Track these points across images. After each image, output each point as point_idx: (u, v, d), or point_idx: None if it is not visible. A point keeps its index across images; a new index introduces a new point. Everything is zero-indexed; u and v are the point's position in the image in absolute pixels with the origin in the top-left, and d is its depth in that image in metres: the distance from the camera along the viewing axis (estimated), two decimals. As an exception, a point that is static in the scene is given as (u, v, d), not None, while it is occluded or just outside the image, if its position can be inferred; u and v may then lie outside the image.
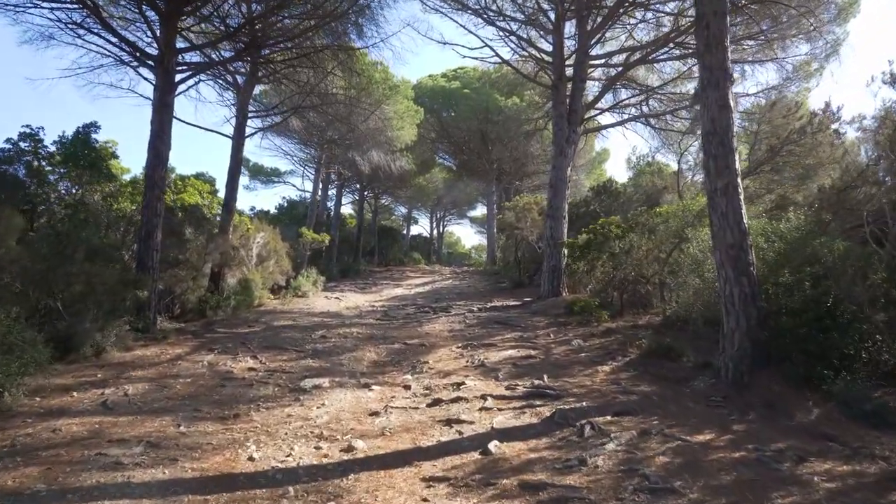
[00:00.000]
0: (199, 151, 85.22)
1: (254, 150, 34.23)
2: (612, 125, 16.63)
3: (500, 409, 5.64)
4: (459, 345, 9.19)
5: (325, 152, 22.01)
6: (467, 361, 7.99)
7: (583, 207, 19.42)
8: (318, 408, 6.02)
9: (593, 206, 19.73)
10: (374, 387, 6.89)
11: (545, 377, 6.77)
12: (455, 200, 46.60)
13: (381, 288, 21.09)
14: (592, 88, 17.39)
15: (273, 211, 32.64)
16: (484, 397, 6.01)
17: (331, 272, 24.73)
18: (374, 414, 5.78)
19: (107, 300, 8.17)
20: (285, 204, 34.55)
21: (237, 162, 14.18)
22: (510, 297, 16.30)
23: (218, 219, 14.83)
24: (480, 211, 53.29)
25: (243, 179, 50.92)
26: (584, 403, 5.62)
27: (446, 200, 45.94)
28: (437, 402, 6.03)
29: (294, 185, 42.67)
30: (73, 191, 12.67)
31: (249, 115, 14.59)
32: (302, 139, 22.93)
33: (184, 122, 13.33)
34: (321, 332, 10.66)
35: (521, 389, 6.29)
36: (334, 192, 32.37)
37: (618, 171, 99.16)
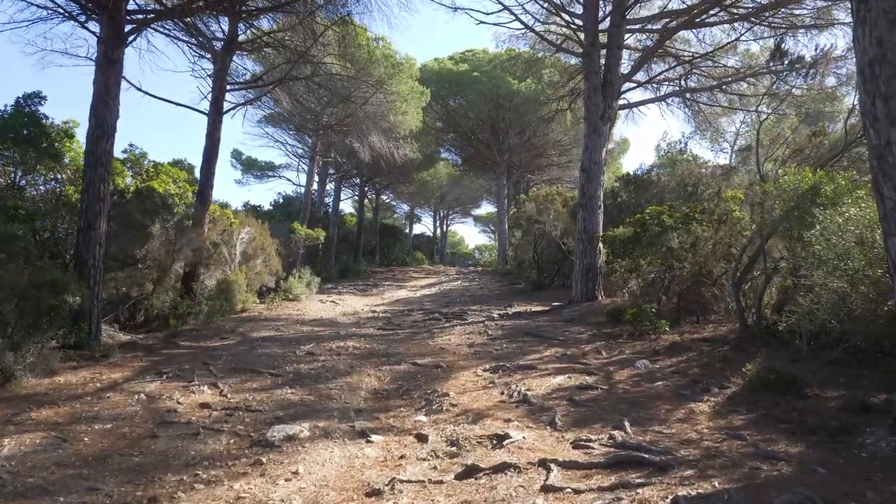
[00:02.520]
0: (178, 137, 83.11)
1: (244, 139, 32.28)
2: (651, 101, 14.45)
3: (576, 491, 3.48)
4: (486, 366, 7.03)
5: (320, 139, 19.85)
6: (503, 393, 5.84)
7: (609, 199, 17.32)
8: (286, 480, 3.88)
9: (621, 196, 17.64)
10: (374, 436, 4.75)
11: (626, 424, 4.61)
12: (460, 198, 44.72)
13: (382, 290, 18.97)
14: (624, 63, 15.23)
15: (268, 207, 30.60)
16: (544, 465, 3.86)
17: (329, 272, 22.70)
18: (376, 494, 3.64)
19: (11, 309, 6.03)
20: (281, 200, 32.49)
21: (214, 142, 12.06)
22: (532, 301, 14.16)
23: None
24: (486, 209, 51.33)
25: (235, 174, 48.49)
26: (715, 483, 3.46)
27: (450, 198, 44.02)
28: (470, 472, 3.88)
29: (290, 180, 40.50)
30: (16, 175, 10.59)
31: (229, 87, 12.47)
32: (296, 125, 20.84)
33: (149, 94, 11.22)
34: (309, 346, 8.54)
35: (598, 449, 4.13)
36: (333, 188, 30.32)
37: (634, 164, 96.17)
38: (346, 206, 39.50)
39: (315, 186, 25.31)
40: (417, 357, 7.74)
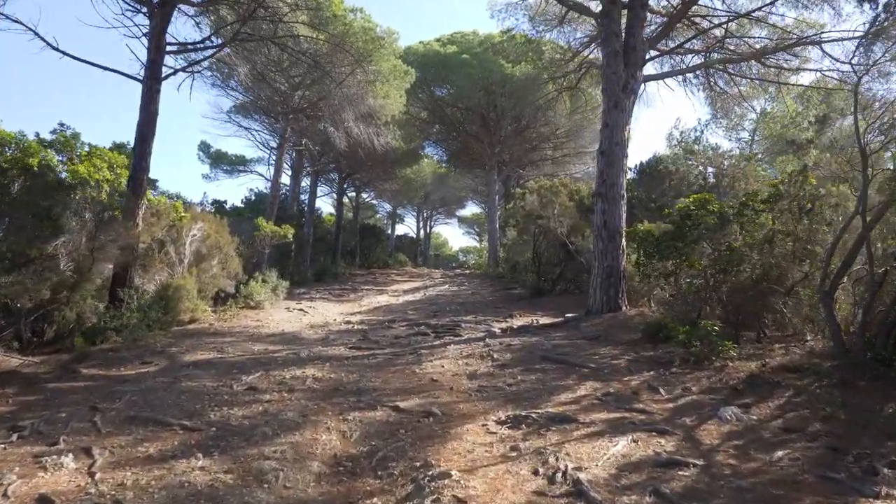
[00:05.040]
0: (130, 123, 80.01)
1: (208, 128, 29.87)
2: (676, 73, 12.37)
3: None
4: (501, 415, 4.84)
5: (290, 124, 17.55)
6: (537, 472, 3.66)
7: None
8: None
9: (631, 189, 15.72)
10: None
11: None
12: (444, 197, 42.86)
13: (361, 295, 16.75)
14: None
15: (238, 204, 28.23)
16: None
17: (302, 275, 20.44)
18: None
19: None
20: (252, 196, 30.07)
21: (150, 115, 9.75)
22: (535, 309, 12.06)
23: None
24: (471, 210, 49.39)
25: (202, 168, 45.86)
26: None
27: (435, 197, 42.10)
28: None
29: (262, 175, 38.05)
30: None
31: (171, 50, 10.19)
32: (263, 108, 18.53)
33: (67, 55, 8.98)
34: (254, 376, 6.31)
35: None
36: (309, 184, 28.02)
37: (635, 160, 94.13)
38: (326, 206, 37.29)
39: (287, 181, 22.98)
40: (400, 396, 5.55)
